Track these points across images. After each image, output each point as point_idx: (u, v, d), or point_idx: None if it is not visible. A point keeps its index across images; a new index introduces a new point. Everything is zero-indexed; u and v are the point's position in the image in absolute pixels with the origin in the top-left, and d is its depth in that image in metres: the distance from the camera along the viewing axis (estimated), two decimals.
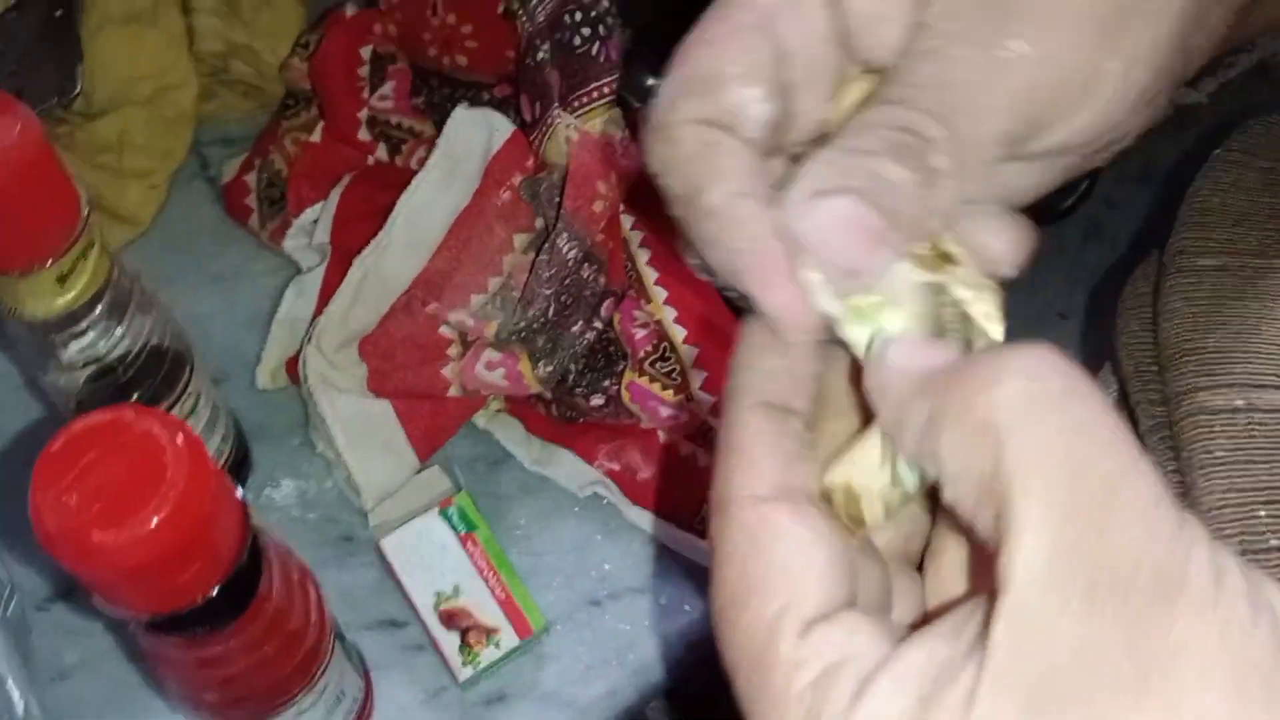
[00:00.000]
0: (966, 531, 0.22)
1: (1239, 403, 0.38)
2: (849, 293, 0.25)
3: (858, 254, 0.25)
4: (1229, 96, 0.75)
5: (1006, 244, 0.27)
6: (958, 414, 0.21)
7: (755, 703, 0.22)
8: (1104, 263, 0.78)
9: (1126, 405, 0.43)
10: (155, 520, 0.30)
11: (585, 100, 0.55)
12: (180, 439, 0.31)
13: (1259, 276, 0.40)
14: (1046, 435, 0.20)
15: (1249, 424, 0.37)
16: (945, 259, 0.26)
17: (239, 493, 0.35)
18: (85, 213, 0.41)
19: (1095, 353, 0.53)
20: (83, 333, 0.44)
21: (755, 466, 0.24)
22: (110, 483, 0.31)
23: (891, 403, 0.23)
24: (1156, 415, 0.40)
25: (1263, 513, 0.36)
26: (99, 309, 0.44)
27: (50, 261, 0.41)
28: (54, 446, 0.31)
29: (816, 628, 0.22)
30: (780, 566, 0.23)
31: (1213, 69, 0.75)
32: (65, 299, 0.42)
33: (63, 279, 0.42)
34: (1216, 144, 0.51)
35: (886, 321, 0.25)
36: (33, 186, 0.39)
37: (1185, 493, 0.38)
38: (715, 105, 0.26)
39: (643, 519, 0.55)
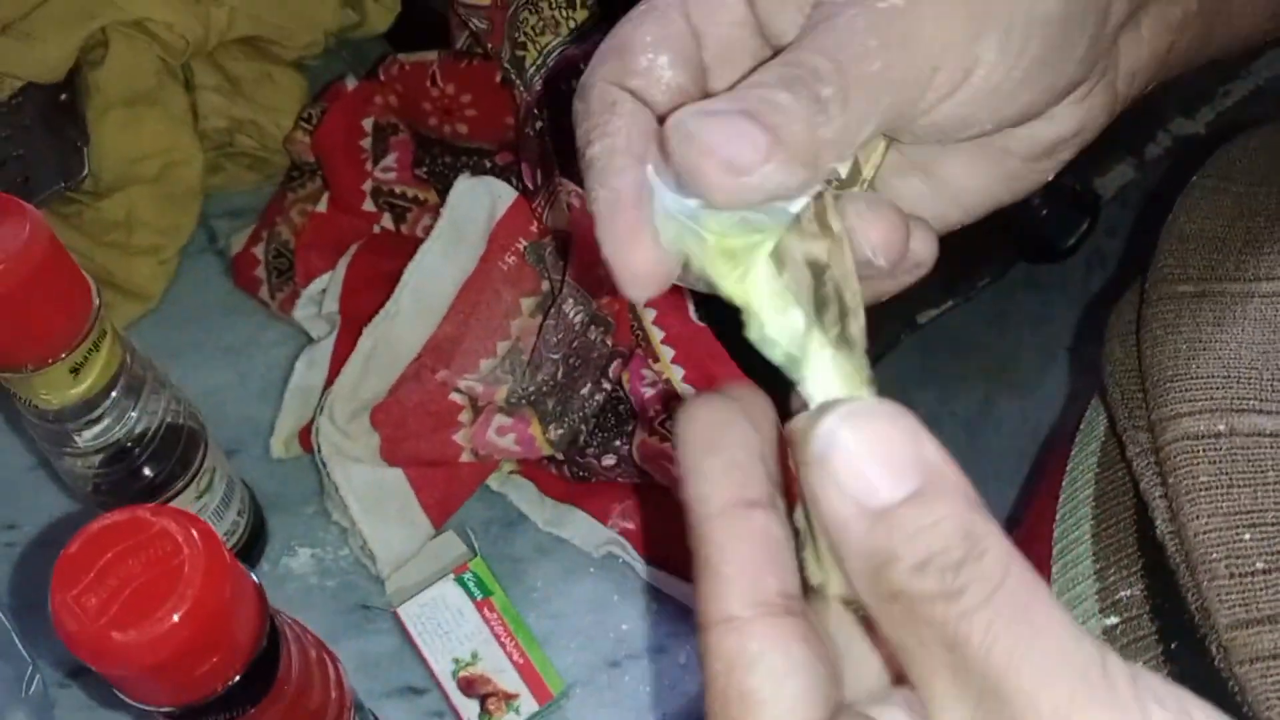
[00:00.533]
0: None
1: (1220, 427, 0.38)
2: (716, 223, 0.26)
3: (745, 156, 0.25)
4: (1226, 125, 0.76)
5: (882, 234, 0.28)
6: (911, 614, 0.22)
7: None
8: (1108, 291, 0.79)
9: (1114, 433, 0.43)
10: (174, 618, 0.31)
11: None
12: (195, 535, 0.32)
13: (1236, 302, 0.41)
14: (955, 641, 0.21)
15: (1230, 448, 0.38)
16: (827, 231, 0.26)
17: (254, 579, 0.35)
18: (96, 304, 0.42)
19: (1076, 403, 0.53)
20: (97, 420, 0.45)
21: (727, 584, 0.23)
22: (128, 582, 0.31)
23: (830, 519, 0.23)
24: (1143, 442, 0.41)
25: (1247, 536, 0.37)
26: (113, 395, 0.45)
27: (63, 354, 0.41)
28: (72, 548, 0.32)
29: None
30: (756, 699, 0.23)
31: (1209, 97, 0.76)
32: (79, 389, 0.43)
33: (76, 370, 0.42)
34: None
35: (759, 268, 0.25)
36: (44, 285, 0.40)
37: (1172, 516, 0.38)
38: (624, 68, 0.28)
39: (658, 579, 0.55)
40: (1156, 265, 0.44)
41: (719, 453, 0.25)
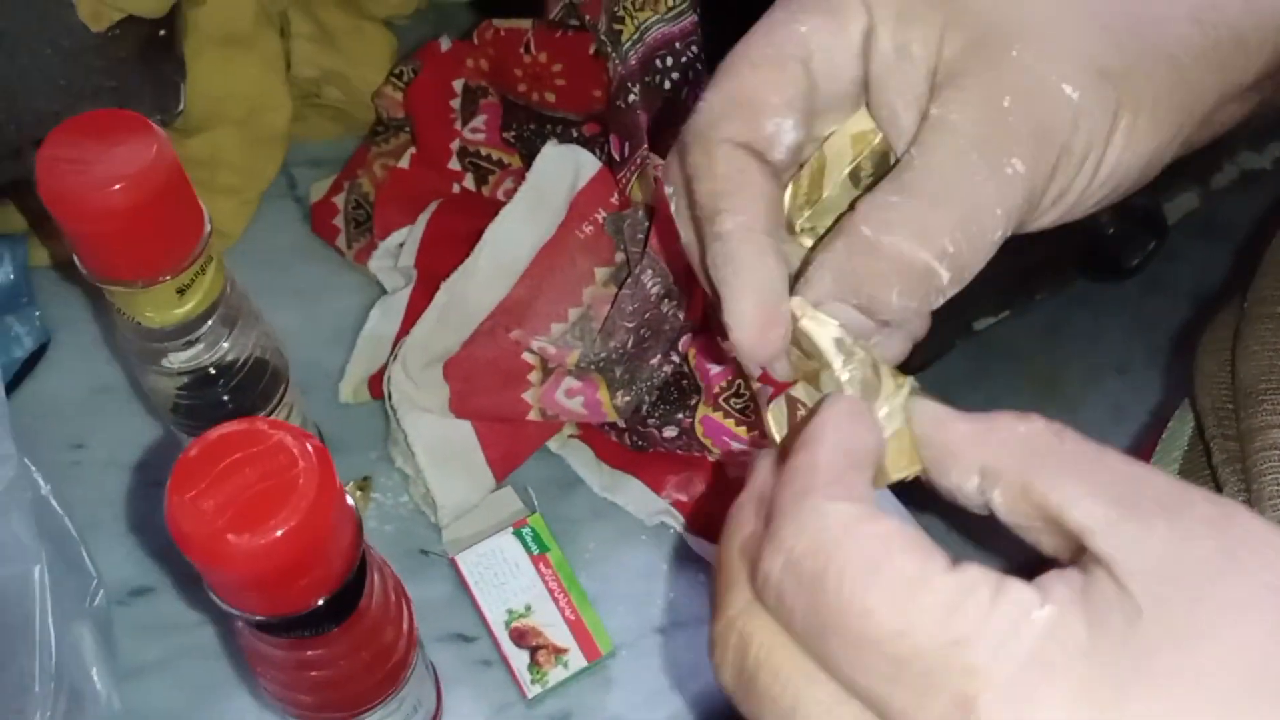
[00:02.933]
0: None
1: None
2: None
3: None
4: None
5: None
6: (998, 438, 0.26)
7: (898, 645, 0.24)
8: (1162, 315, 0.79)
9: (1202, 440, 0.45)
10: (287, 527, 0.32)
11: (673, 142, 0.57)
12: (311, 449, 0.33)
13: None
14: (1077, 453, 0.25)
15: None
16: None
17: (353, 504, 0.36)
18: (207, 230, 0.43)
19: (1159, 415, 0.54)
20: (193, 343, 0.46)
21: (841, 508, 0.26)
22: (244, 489, 0.32)
23: (924, 417, 0.27)
24: (1230, 450, 0.42)
25: None
26: (209, 323, 0.46)
27: (172, 274, 0.43)
28: (191, 452, 0.33)
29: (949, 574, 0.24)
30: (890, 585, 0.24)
31: (1278, 134, 0.76)
32: (182, 310, 0.44)
33: (182, 291, 0.43)
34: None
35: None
36: (164, 205, 0.41)
37: None
38: (754, 130, 0.30)
39: (707, 550, 0.56)
40: (1257, 286, 0.45)
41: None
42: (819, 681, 0.25)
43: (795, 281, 0.31)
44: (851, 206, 0.30)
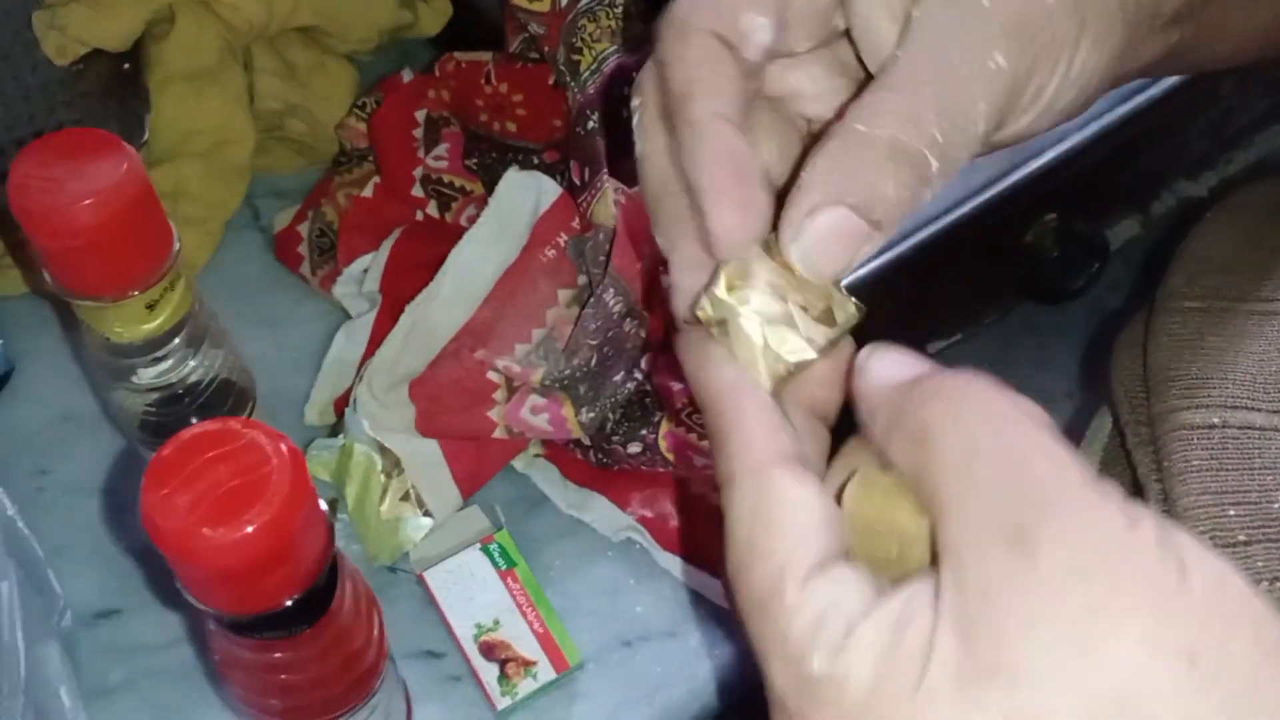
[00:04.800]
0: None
1: (1215, 420, 0.42)
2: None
3: (839, 258, 0.29)
4: (1228, 189, 0.79)
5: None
6: (904, 422, 0.26)
7: (763, 643, 0.25)
8: (1108, 345, 0.82)
9: (1118, 427, 0.47)
10: (259, 523, 0.33)
11: (631, 167, 0.58)
12: (284, 448, 0.34)
13: (1238, 317, 0.46)
14: (967, 439, 0.24)
15: (1223, 438, 0.42)
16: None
17: (324, 506, 0.37)
18: (176, 247, 0.44)
19: (1082, 425, 0.56)
20: (162, 359, 0.47)
21: (750, 441, 0.27)
22: (217, 486, 0.33)
23: (868, 407, 0.27)
24: (1142, 434, 0.45)
25: (1232, 511, 0.41)
26: (179, 339, 0.47)
27: (141, 289, 0.43)
28: (165, 451, 0.34)
29: (811, 580, 0.25)
30: (780, 527, 0.26)
31: (1213, 164, 0.79)
32: (150, 326, 0.45)
33: (151, 306, 0.44)
34: None
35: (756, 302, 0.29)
36: (134, 220, 0.42)
37: (1165, 497, 0.42)
38: (728, 22, 0.30)
39: (673, 565, 0.57)
40: (1167, 283, 0.48)
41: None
42: None
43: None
44: (839, 116, 0.30)
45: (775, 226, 0.29)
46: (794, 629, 0.24)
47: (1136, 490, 0.45)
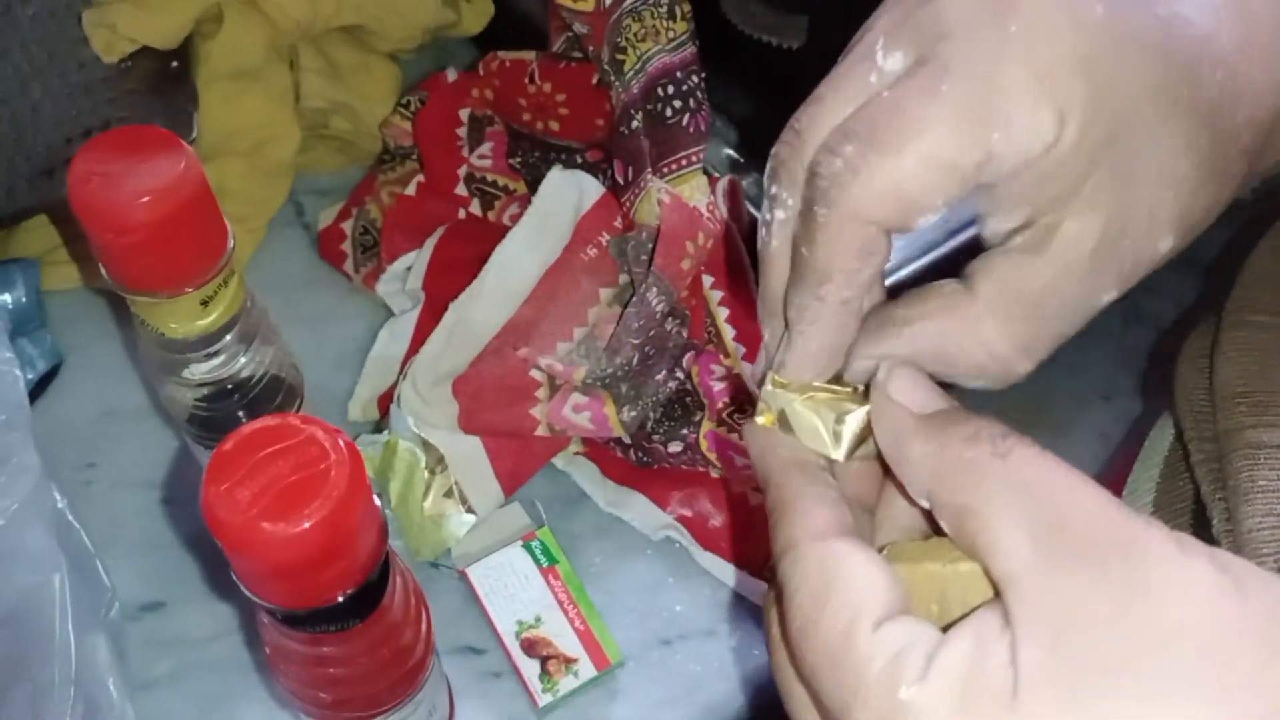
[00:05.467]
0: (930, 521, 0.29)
1: None
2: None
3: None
4: (1268, 190, 0.79)
5: None
6: (945, 462, 0.27)
7: (838, 692, 0.26)
8: (1144, 345, 0.81)
9: (1181, 442, 0.47)
10: (318, 518, 0.33)
11: (674, 166, 0.59)
12: (342, 444, 0.34)
13: None
14: (1012, 482, 0.26)
15: None
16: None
17: (378, 502, 0.37)
18: (231, 244, 0.45)
19: (1140, 431, 0.56)
20: (213, 355, 0.47)
21: (809, 512, 0.29)
22: (277, 481, 0.34)
23: (886, 429, 0.29)
24: (1207, 450, 0.44)
25: None
26: (230, 335, 0.47)
27: (196, 286, 0.44)
28: (226, 446, 0.34)
29: (884, 625, 0.26)
30: (849, 581, 0.27)
31: None
32: (204, 322, 0.45)
33: (205, 302, 0.45)
34: (1258, 234, 0.55)
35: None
36: (190, 217, 0.42)
37: (1229, 517, 0.41)
38: (899, 224, 0.30)
39: (713, 564, 0.57)
40: (1235, 297, 0.47)
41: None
42: (798, 682, 0.28)
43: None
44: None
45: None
46: (873, 669, 0.25)
47: (1198, 507, 0.44)
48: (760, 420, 0.33)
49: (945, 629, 0.26)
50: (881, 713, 0.25)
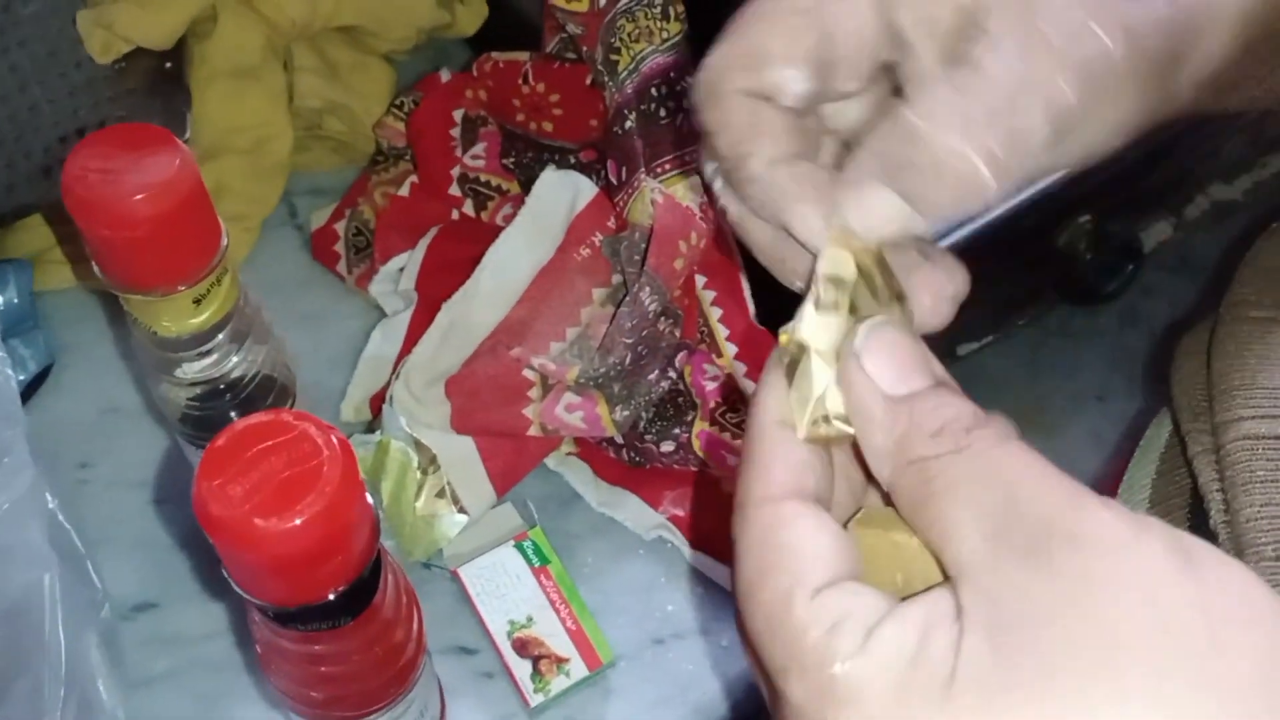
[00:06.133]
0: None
1: None
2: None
3: (889, 223, 0.29)
4: (1263, 193, 0.79)
5: (937, 306, 0.31)
6: (905, 459, 0.26)
7: (775, 661, 0.26)
8: (1140, 348, 0.82)
9: (1179, 434, 0.47)
10: (311, 513, 0.33)
11: (667, 167, 0.59)
12: (335, 440, 0.34)
13: None
14: (968, 475, 0.25)
15: None
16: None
17: (370, 500, 0.37)
18: (224, 242, 0.45)
19: (1137, 431, 0.56)
20: (206, 353, 0.47)
21: (768, 473, 0.28)
22: (270, 477, 0.34)
23: (854, 405, 0.28)
24: (1205, 443, 0.45)
25: None
26: (223, 334, 0.47)
27: (189, 284, 0.44)
28: (219, 441, 0.34)
29: (824, 593, 0.25)
30: (790, 549, 0.26)
31: (1249, 167, 0.79)
32: (197, 320, 0.45)
33: (198, 301, 0.45)
34: (1251, 238, 0.55)
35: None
36: (185, 215, 0.42)
37: (1227, 508, 0.42)
38: (758, 80, 0.30)
39: (705, 564, 0.57)
40: (1233, 293, 0.48)
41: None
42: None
43: None
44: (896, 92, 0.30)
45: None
46: (809, 638, 0.25)
47: (1196, 500, 0.45)
48: (783, 337, 0.30)
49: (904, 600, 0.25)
50: (816, 684, 0.24)
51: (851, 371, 0.28)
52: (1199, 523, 0.44)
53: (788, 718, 0.25)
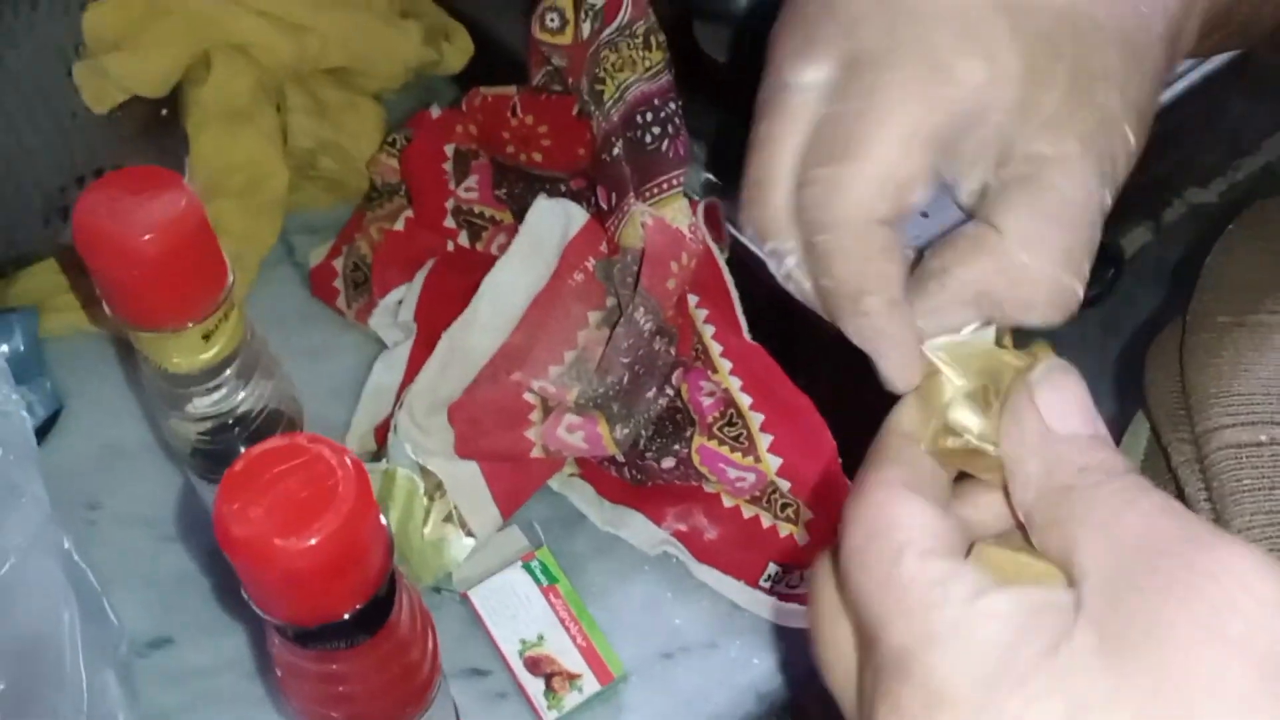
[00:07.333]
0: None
1: (1263, 438, 0.43)
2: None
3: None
4: (1239, 195, 0.81)
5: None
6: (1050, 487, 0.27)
7: (876, 610, 0.26)
8: (1123, 356, 0.83)
9: (1160, 445, 0.48)
10: (327, 531, 0.34)
11: (656, 191, 0.60)
12: (349, 462, 0.35)
13: (1274, 332, 0.46)
14: (1101, 506, 0.26)
15: (1274, 455, 0.42)
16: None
17: (383, 520, 0.38)
18: (231, 278, 0.46)
19: (1118, 440, 0.57)
20: (215, 388, 0.48)
21: (885, 467, 0.29)
22: (287, 498, 0.35)
23: (1019, 433, 0.29)
24: (1187, 453, 0.45)
25: None
26: (231, 369, 0.48)
27: (198, 320, 0.45)
28: (237, 467, 0.35)
29: (932, 554, 0.26)
30: (902, 518, 0.27)
31: (1223, 171, 0.81)
32: (207, 355, 0.47)
33: (207, 336, 0.46)
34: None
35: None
36: (192, 252, 0.44)
37: (1216, 518, 0.42)
38: (899, 201, 0.31)
39: (710, 577, 0.58)
40: (1198, 301, 0.49)
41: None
42: (839, 621, 0.29)
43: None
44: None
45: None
46: (917, 586, 0.26)
47: None
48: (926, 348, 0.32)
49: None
50: (923, 626, 0.25)
51: (1021, 401, 0.29)
52: None
53: (879, 668, 0.26)
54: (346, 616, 0.38)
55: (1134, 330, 0.86)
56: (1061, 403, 0.28)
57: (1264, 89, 0.78)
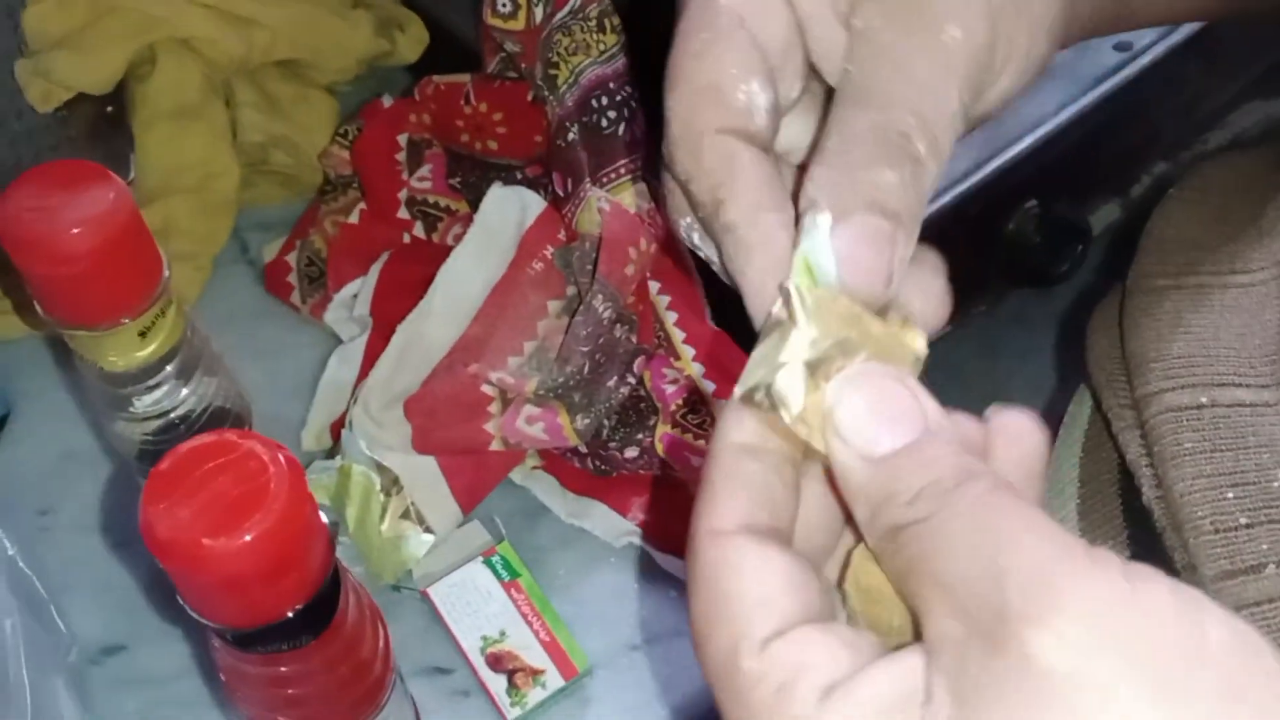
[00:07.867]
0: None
1: (1203, 400, 0.42)
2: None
3: (878, 268, 0.27)
4: (1165, 172, 0.80)
5: (934, 305, 0.30)
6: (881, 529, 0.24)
7: (724, 698, 0.24)
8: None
9: (1100, 415, 0.47)
10: (260, 530, 0.33)
11: (613, 175, 0.59)
12: (281, 457, 0.34)
13: (1212, 292, 0.45)
14: (940, 545, 0.23)
15: (1214, 418, 0.41)
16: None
17: (323, 517, 0.37)
18: (166, 274, 0.45)
19: (1059, 411, 0.56)
20: (156, 386, 0.47)
21: (719, 502, 0.25)
22: (217, 497, 0.34)
23: (840, 474, 0.26)
24: (1127, 418, 0.44)
25: (1230, 495, 0.40)
26: (171, 366, 0.47)
27: (133, 316, 0.44)
28: (164, 465, 0.34)
29: (772, 645, 0.23)
30: (734, 596, 0.24)
31: (1189, 145, 0.80)
32: (144, 353, 0.45)
33: (144, 333, 0.45)
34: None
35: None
36: (124, 247, 0.42)
37: (1158, 483, 0.41)
38: (728, 108, 0.29)
39: (676, 567, 0.57)
40: (1137, 265, 0.48)
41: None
42: None
43: None
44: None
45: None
46: (756, 696, 0.23)
47: (1125, 476, 0.44)
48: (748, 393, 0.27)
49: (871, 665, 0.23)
50: None
51: (828, 437, 0.26)
52: (1131, 499, 0.44)
53: None
54: (289, 616, 0.37)
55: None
56: (870, 415, 0.25)
57: (1228, 63, 0.78)
